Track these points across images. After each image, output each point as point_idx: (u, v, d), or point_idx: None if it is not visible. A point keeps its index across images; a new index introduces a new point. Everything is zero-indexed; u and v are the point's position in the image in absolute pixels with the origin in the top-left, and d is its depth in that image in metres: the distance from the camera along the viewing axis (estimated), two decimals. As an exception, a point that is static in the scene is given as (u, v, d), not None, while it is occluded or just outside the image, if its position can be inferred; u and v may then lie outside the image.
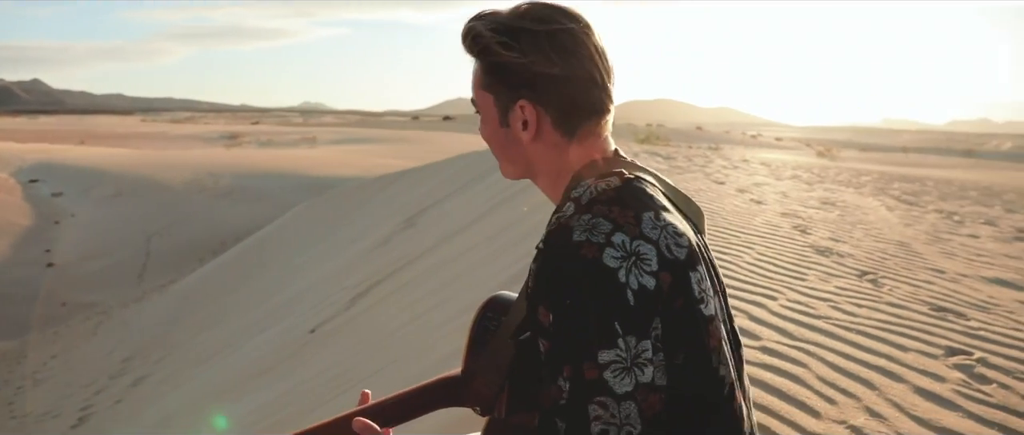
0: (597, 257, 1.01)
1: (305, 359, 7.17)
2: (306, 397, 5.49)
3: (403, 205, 15.85)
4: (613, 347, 1.00)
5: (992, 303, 3.31)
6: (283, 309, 10.97)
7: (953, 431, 1.97)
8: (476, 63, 1.19)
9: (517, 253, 6.24)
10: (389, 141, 49.23)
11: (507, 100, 1.15)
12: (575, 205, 1.08)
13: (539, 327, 1.05)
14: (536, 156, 1.17)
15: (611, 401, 1.00)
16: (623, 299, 1.01)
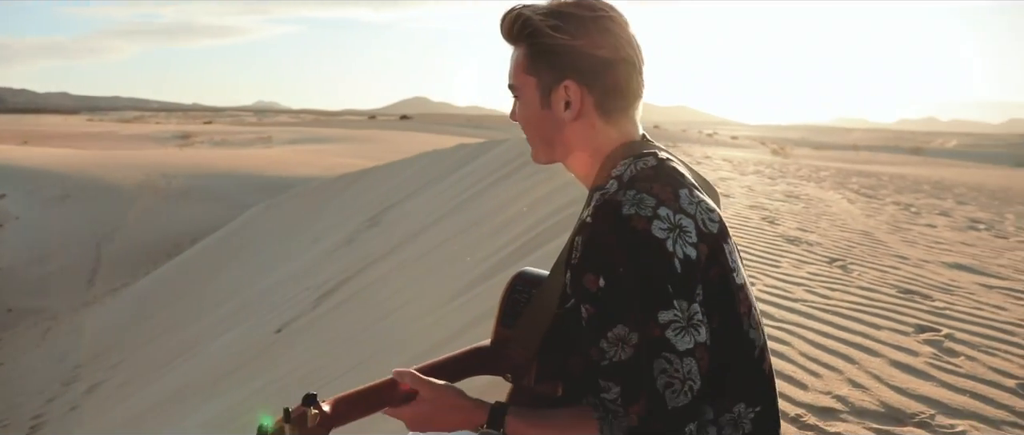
0: (647, 228, 1.09)
1: (273, 359, 7.13)
2: (279, 395, 5.48)
3: (366, 204, 15.77)
4: (670, 308, 1.07)
5: (954, 285, 3.50)
6: (246, 310, 10.86)
7: (929, 398, 2.12)
8: (519, 49, 1.24)
9: (491, 247, 6.30)
10: (347, 140, 48.73)
11: (552, 81, 1.21)
12: (618, 182, 1.16)
13: (584, 293, 1.12)
14: (574, 137, 1.23)
15: (675, 357, 1.08)
16: (673, 266, 1.08)
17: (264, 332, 8.55)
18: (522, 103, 1.26)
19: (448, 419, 1.22)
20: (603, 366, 1.11)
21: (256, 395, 5.88)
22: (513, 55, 1.26)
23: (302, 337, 7.45)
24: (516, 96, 1.27)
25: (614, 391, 1.11)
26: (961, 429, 1.93)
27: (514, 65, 1.26)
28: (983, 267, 4.06)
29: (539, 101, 1.23)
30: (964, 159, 35.32)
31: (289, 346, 7.35)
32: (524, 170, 10.77)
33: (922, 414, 2.01)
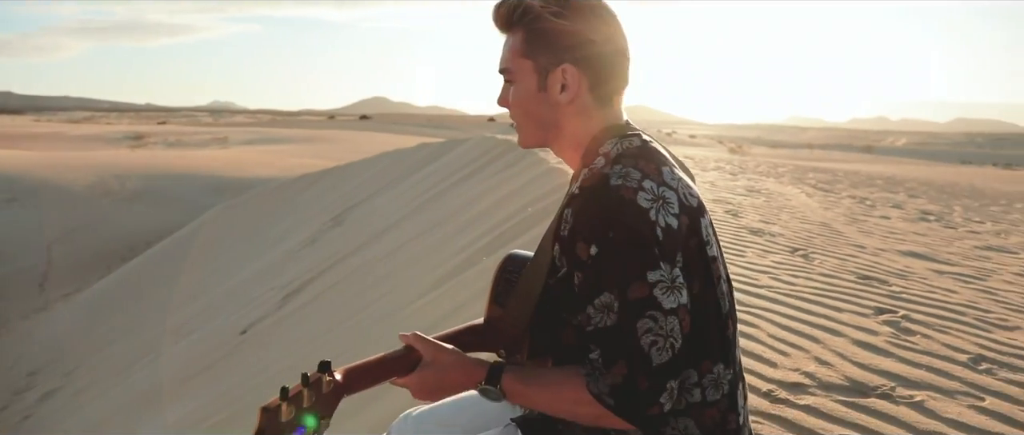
0: (633, 198, 1.16)
1: (240, 359, 7.08)
2: (251, 394, 5.47)
3: (329, 204, 15.68)
4: (657, 269, 1.15)
5: (908, 271, 3.68)
6: (208, 312, 10.74)
7: (889, 372, 2.25)
8: (515, 34, 1.30)
9: (456, 246, 6.35)
10: (306, 141, 48.12)
11: (549, 64, 1.27)
12: (605, 159, 1.24)
13: (576, 261, 1.19)
14: (566, 119, 1.30)
15: (660, 315, 1.15)
16: (656, 233, 1.16)
17: (229, 333, 8.47)
18: (517, 86, 1.31)
19: (450, 378, 1.27)
20: (589, 331, 1.19)
21: (225, 396, 5.85)
22: (507, 41, 1.32)
23: (269, 337, 7.41)
24: (509, 80, 1.33)
25: (597, 352, 1.18)
26: (919, 399, 2.06)
27: (509, 50, 1.31)
28: (934, 254, 4.26)
29: (536, 83, 1.29)
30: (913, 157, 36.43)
31: (257, 346, 7.31)
32: (488, 168, 10.85)
33: (883, 386, 2.14)
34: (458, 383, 1.27)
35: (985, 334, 2.70)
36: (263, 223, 17.62)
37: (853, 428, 1.87)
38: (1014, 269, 4.02)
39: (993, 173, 21.80)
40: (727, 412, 1.26)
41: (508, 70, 1.32)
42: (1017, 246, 4.86)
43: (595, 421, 1.22)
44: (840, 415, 1.94)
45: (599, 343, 1.18)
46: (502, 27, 1.33)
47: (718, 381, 1.25)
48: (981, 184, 12.10)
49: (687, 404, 1.23)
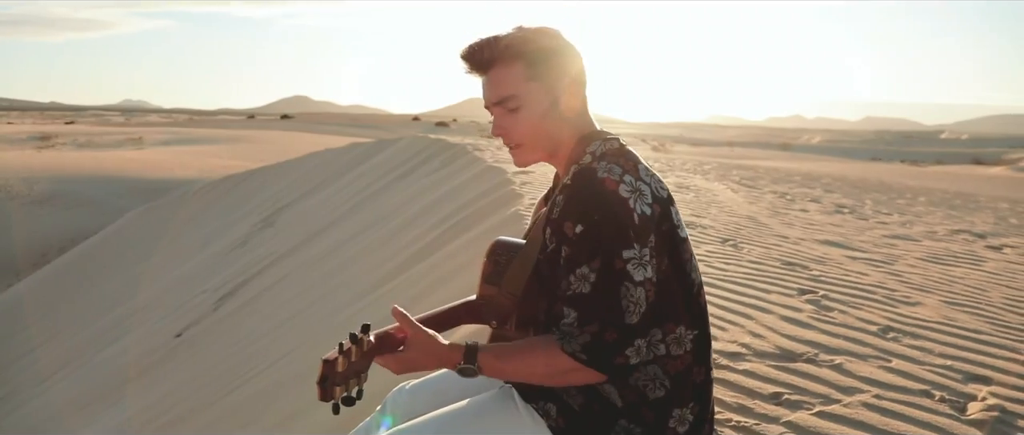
0: (615, 189, 1.40)
1: (179, 362, 7.02)
2: (198, 393, 5.46)
3: (257, 205, 15.46)
4: (631, 248, 1.38)
5: (826, 258, 4.06)
6: (137, 316, 10.51)
7: (813, 342, 2.56)
8: (512, 66, 1.47)
9: (400, 243, 6.47)
10: (225, 141, 46.82)
11: (554, 82, 1.48)
12: (591, 156, 1.47)
13: (563, 237, 1.41)
14: (567, 129, 1.50)
15: (631, 285, 1.38)
16: (633, 218, 1.39)
17: (163, 337, 8.35)
18: (525, 110, 1.47)
19: (427, 360, 1.43)
20: (568, 295, 1.40)
21: (170, 396, 5.82)
22: (498, 75, 1.48)
23: (207, 339, 7.36)
24: (514, 107, 1.48)
25: (572, 316, 1.39)
26: (838, 362, 2.37)
27: (509, 80, 1.47)
28: (849, 243, 4.68)
29: (547, 103, 1.48)
30: (827, 154, 38.24)
31: (195, 348, 7.26)
32: (423, 167, 10.98)
33: (808, 353, 2.45)
34: (435, 365, 1.43)
35: (892, 309, 3.06)
36: (188, 225, 17.23)
37: (784, 387, 2.16)
38: (917, 255, 4.46)
39: (900, 169, 23.17)
40: (693, 365, 1.50)
41: (513, 97, 1.47)
42: (919, 235, 5.35)
43: (566, 377, 1.42)
44: (773, 377, 2.22)
45: (576, 307, 1.39)
46: (491, 65, 1.48)
47: (680, 340, 1.47)
48: (889, 179, 12.95)
49: (655, 356, 1.46)
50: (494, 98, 1.49)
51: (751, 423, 1.91)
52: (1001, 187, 15.86)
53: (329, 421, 3.33)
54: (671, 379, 1.48)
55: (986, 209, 7.98)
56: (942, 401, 2.13)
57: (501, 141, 1.56)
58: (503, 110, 1.49)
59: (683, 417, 1.50)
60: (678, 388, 1.49)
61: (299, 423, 3.60)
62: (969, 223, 6.31)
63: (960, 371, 2.38)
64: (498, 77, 1.48)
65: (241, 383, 5.03)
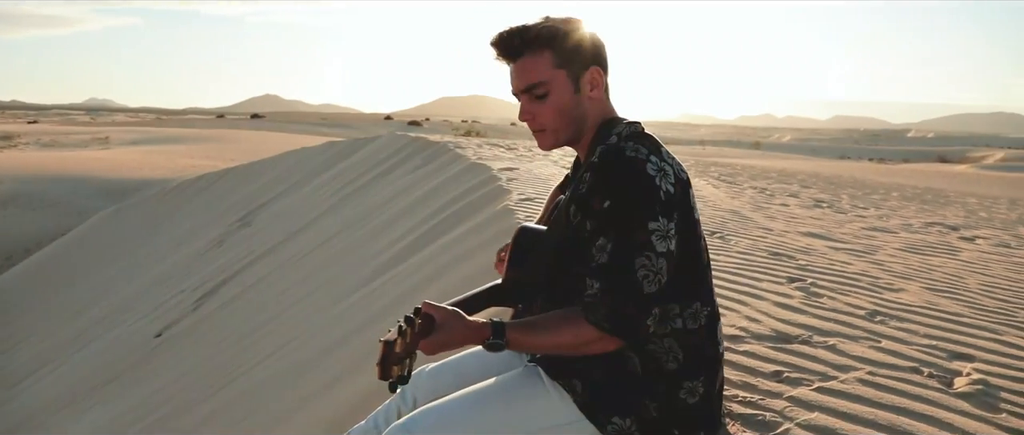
0: (643, 168, 1.48)
1: (161, 363, 6.99)
2: (184, 393, 5.46)
3: (233, 204, 15.35)
4: (657, 220, 1.46)
5: (810, 248, 4.20)
6: (113, 317, 10.41)
7: (806, 325, 2.68)
8: (540, 54, 1.54)
9: (387, 240, 6.50)
10: (194, 140, 46.18)
11: (580, 69, 1.56)
12: (618, 137, 1.55)
13: (590, 211, 1.48)
14: (592, 112, 1.59)
15: (654, 255, 1.46)
16: (659, 194, 1.48)
17: (141, 338, 8.29)
18: (553, 95, 1.56)
19: (460, 340, 1.48)
20: (591, 267, 1.48)
21: (157, 395, 5.80)
22: (526, 62, 1.55)
23: (189, 339, 7.32)
24: (542, 93, 1.56)
25: (595, 287, 1.46)
26: (831, 343, 2.49)
27: (537, 68, 1.55)
28: (830, 234, 4.83)
29: (571, 89, 1.56)
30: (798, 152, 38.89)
31: (177, 348, 7.22)
32: (405, 165, 10.99)
33: (803, 335, 2.56)
34: (465, 342, 1.48)
35: (877, 295, 3.20)
36: (162, 225, 17.06)
37: (783, 366, 2.27)
38: (895, 246, 4.63)
39: (869, 167, 23.66)
40: (705, 340, 1.58)
41: (542, 83, 1.55)
42: (896, 227, 5.53)
43: (590, 347, 1.50)
44: (772, 357, 2.34)
45: (599, 277, 1.46)
46: (520, 53, 1.55)
47: (696, 315, 1.56)
48: (861, 176, 13.25)
49: (671, 329, 1.54)
50: (522, 85, 1.57)
51: (756, 398, 2.02)
52: (967, 183, 16.29)
53: (323, 418, 3.37)
54: (684, 352, 1.56)
55: (956, 203, 8.24)
56: (930, 376, 2.25)
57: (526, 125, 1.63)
58: (531, 96, 1.57)
59: (694, 389, 1.58)
60: (690, 361, 1.57)
61: (294, 419, 3.63)
62: (941, 216, 6.53)
63: (944, 350, 2.51)
64: (527, 65, 1.55)
65: (229, 381, 5.03)
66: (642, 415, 1.55)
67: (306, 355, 4.57)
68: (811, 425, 1.86)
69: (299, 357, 4.65)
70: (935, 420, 1.93)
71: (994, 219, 7.00)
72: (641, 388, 1.56)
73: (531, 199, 5.25)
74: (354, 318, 4.70)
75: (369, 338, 3.99)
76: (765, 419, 1.88)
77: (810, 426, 1.85)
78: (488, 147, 11.22)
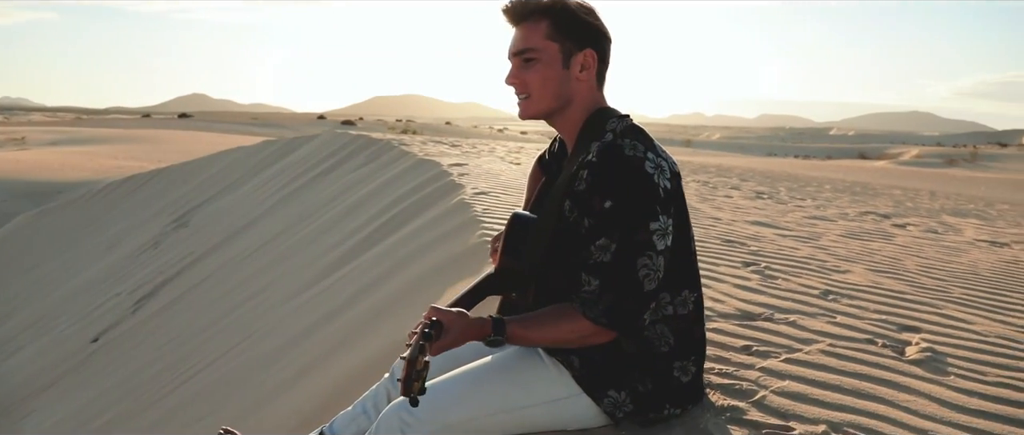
0: (641, 166, 1.53)
1: (101, 367, 6.79)
2: (130, 397, 5.33)
3: (167, 205, 14.94)
4: (657, 220, 1.52)
5: (759, 235, 4.40)
6: (42, 323, 10.03)
7: (766, 303, 2.83)
8: (536, 23, 1.60)
9: (336, 237, 6.47)
10: (119, 141, 44.44)
11: (575, 48, 1.61)
12: (613, 134, 1.59)
13: (591, 211, 1.53)
14: (578, 94, 1.64)
15: (654, 254, 1.52)
16: (658, 192, 1.53)
17: (77, 343, 8.05)
18: (540, 63, 1.61)
19: (464, 339, 1.53)
20: (590, 263, 1.53)
21: (97, 401, 5.66)
22: (526, 29, 1.61)
23: (129, 342, 7.14)
24: (531, 58, 1.61)
25: (594, 284, 1.52)
26: (792, 319, 2.64)
27: (530, 34, 1.61)
28: (775, 223, 5.06)
29: (561, 62, 1.61)
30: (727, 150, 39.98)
31: (117, 352, 7.04)
32: (349, 162, 10.90)
33: (765, 313, 2.71)
34: (468, 339, 1.54)
35: (827, 276, 3.39)
36: (91, 228, 16.49)
37: (751, 341, 2.40)
38: (836, 232, 4.88)
39: (796, 163, 24.53)
40: (693, 323, 1.68)
41: (532, 50, 1.61)
42: (834, 216, 5.82)
43: (587, 340, 1.57)
44: (740, 333, 2.47)
45: (599, 275, 1.52)
46: (523, 19, 1.61)
47: (685, 301, 1.66)
48: (793, 171, 13.77)
49: (663, 316, 1.63)
50: (515, 48, 1.63)
51: (731, 370, 2.14)
52: (888, 177, 17.08)
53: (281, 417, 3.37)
54: (675, 336, 1.65)
55: (883, 195, 8.68)
56: (884, 346, 2.42)
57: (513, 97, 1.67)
58: (520, 61, 1.62)
59: (685, 368, 1.67)
60: (681, 344, 1.66)
61: (250, 420, 3.61)
62: (873, 206, 6.89)
63: (893, 323, 2.70)
64: (525, 30, 1.61)
65: (179, 384, 4.94)
66: (637, 389, 1.64)
67: (263, 352, 4.53)
68: (784, 391, 1.99)
69: (256, 354, 4.61)
70: (893, 383, 2.10)
71: (920, 208, 7.42)
72: (636, 366, 1.64)
73: (485, 192, 5.32)
74: (313, 313, 4.68)
75: (332, 332, 4.00)
76: (742, 388, 2.00)
77: (783, 392, 1.99)
78: (433, 144, 11.23)
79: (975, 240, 5.22)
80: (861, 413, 1.88)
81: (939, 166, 27.24)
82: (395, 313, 3.66)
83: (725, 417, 1.80)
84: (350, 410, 1.86)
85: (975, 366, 2.30)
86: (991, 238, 5.41)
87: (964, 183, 16.28)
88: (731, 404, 1.87)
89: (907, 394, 2.03)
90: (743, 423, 1.79)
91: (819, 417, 1.84)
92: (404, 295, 3.82)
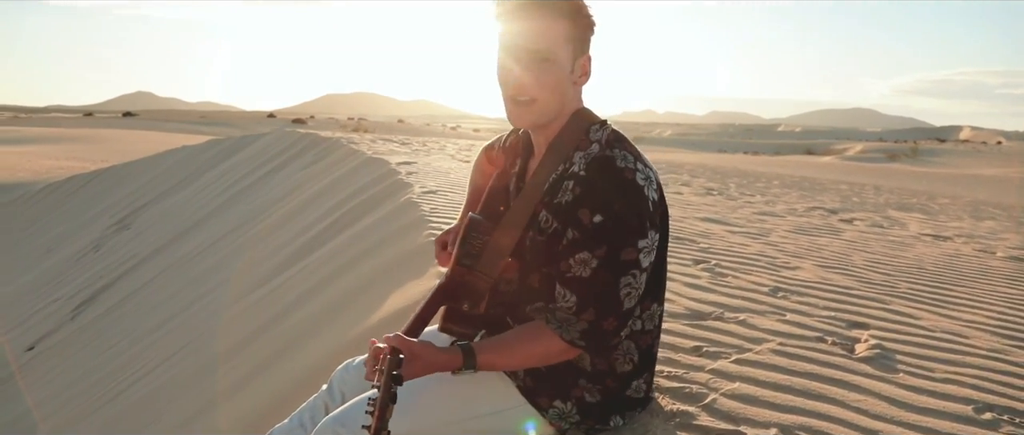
0: (633, 178, 1.44)
1: (37, 376, 6.54)
2: (72, 403, 5.13)
3: (109, 207, 14.50)
4: (646, 236, 1.44)
5: (710, 233, 4.40)
6: (-30, 333, 9.67)
7: (716, 302, 2.81)
8: (559, 22, 1.45)
9: (286, 236, 6.32)
10: (59, 140, 43.01)
11: (579, 53, 1.50)
12: (599, 145, 1.49)
13: (575, 224, 1.43)
14: (573, 99, 1.54)
15: (639, 272, 1.44)
16: (648, 206, 1.45)
17: (10, 352, 7.75)
18: (555, 67, 1.47)
19: (430, 371, 1.45)
20: (567, 276, 1.44)
21: (36, 411, 5.45)
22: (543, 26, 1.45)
23: (68, 349, 6.90)
24: (549, 58, 1.46)
25: (571, 300, 1.43)
26: (742, 318, 2.62)
27: (551, 32, 1.45)
28: (725, 219, 5.07)
29: (569, 67, 1.50)
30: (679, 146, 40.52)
31: (53, 360, 6.79)
32: (297, 161, 10.70)
33: (715, 312, 2.68)
34: (435, 371, 1.46)
35: (776, 273, 3.39)
36: (28, 231, 15.92)
37: (701, 341, 2.37)
38: (785, 228, 4.91)
39: (746, 158, 24.91)
40: (655, 339, 1.62)
41: (550, 50, 1.46)
42: (783, 212, 5.87)
43: (558, 360, 1.50)
44: (690, 333, 2.43)
45: (576, 291, 1.43)
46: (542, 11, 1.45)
47: (652, 315, 1.59)
48: (742, 167, 13.94)
49: (631, 331, 1.56)
50: (532, 46, 1.45)
51: (681, 372, 2.10)
52: (834, 172, 17.45)
53: (228, 422, 3.26)
54: (639, 353, 1.58)
55: (830, 190, 8.82)
56: (834, 344, 2.41)
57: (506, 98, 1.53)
58: (533, 61, 1.46)
59: (639, 387, 1.61)
60: (643, 361, 1.60)
61: (198, 424, 3.50)
62: (820, 201, 6.98)
63: (842, 320, 2.70)
64: (542, 27, 1.46)
65: (123, 389, 4.78)
66: (584, 399, 1.57)
67: (210, 355, 4.41)
68: (734, 394, 1.95)
69: (202, 358, 4.48)
70: (843, 383, 2.08)
71: (866, 203, 7.55)
72: (586, 378, 1.57)
73: (433, 192, 5.24)
74: (261, 315, 4.57)
75: (280, 334, 3.90)
76: (692, 391, 1.96)
77: (733, 395, 1.95)
78: (382, 142, 11.09)
79: (919, 234, 5.32)
80: (812, 414, 1.86)
81: (882, 161, 27.97)
82: (341, 316, 3.56)
83: (674, 422, 1.76)
84: (286, 423, 1.77)
85: (923, 362, 2.30)
86: (934, 232, 5.51)
87: (906, 178, 16.71)
88: (681, 409, 1.82)
89: (857, 393, 2.01)
90: (693, 429, 1.74)
91: (770, 420, 1.81)
92: (351, 297, 3.73)
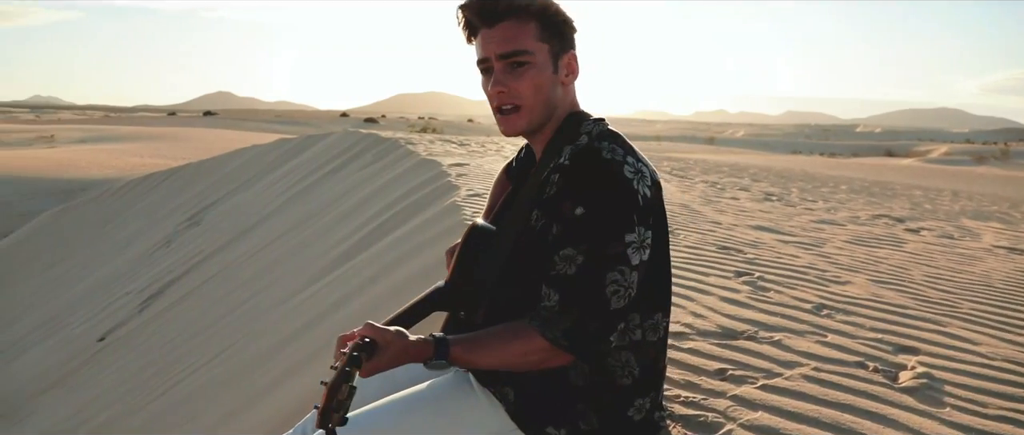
0: (620, 171, 1.35)
1: (104, 366, 6.78)
2: (128, 397, 5.29)
3: (182, 204, 15.01)
4: (633, 232, 1.34)
5: (759, 242, 4.19)
6: (54, 322, 10.08)
7: (752, 320, 2.65)
8: (523, 23, 1.40)
9: (337, 237, 6.39)
10: (145, 138, 45.02)
11: (560, 50, 1.44)
12: (589, 137, 1.43)
13: (560, 216, 1.36)
14: (560, 98, 1.47)
15: (627, 270, 1.34)
16: (637, 200, 1.35)
17: (84, 342, 8.04)
18: (533, 68, 1.42)
19: (399, 363, 1.36)
20: (551, 275, 1.36)
21: (99, 400, 5.62)
22: (512, 29, 1.40)
23: (134, 341, 7.12)
24: (524, 62, 1.41)
25: (554, 298, 1.35)
26: (777, 338, 2.46)
27: (520, 34, 1.40)
28: (779, 227, 4.84)
29: (552, 67, 1.44)
30: (751, 147, 39.59)
31: (120, 352, 7.02)
32: (356, 161, 10.83)
33: (748, 330, 2.52)
34: (405, 361, 1.36)
35: (824, 288, 3.19)
36: (108, 226, 16.61)
37: (728, 363, 2.22)
38: (843, 238, 4.65)
39: (820, 161, 24.12)
40: (660, 354, 1.50)
41: (525, 53, 1.41)
42: (844, 220, 5.57)
43: (541, 364, 1.38)
44: (717, 354, 2.29)
45: (560, 288, 1.35)
46: (502, 17, 1.41)
47: (656, 326, 1.47)
48: (811, 170, 13.45)
49: (630, 341, 1.44)
50: (503, 50, 1.41)
51: (699, 398, 1.96)
52: (912, 176, 16.67)
53: (266, 420, 3.27)
54: (641, 368, 1.47)
55: (902, 196, 8.38)
56: (875, 371, 2.22)
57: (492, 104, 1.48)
58: (509, 65, 1.42)
59: (642, 406, 1.50)
60: (645, 377, 1.48)
61: (236, 422, 3.52)
62: (888, 208, 6.62)
63: (890, 343, 2.50)
64: (510, 31, 1.41)
65: (173, 384, 4.90)
66: (578, 426, 1.47)
67: (252, 355, 4.48)
68: (753, 425, 1.81)
69: (245, 357, 4.55)
70: (879, 416, 1.90)
71: (938, 211, 7.13)
72: (582, 399, 1.47)
73: (479, 194, 5.19)
74: (300, 317, 4.61)
75: (315, 337, 3.91)
76: (707, 420, 1.82)
77: (752, 426, 1.80)
78: (440, 143, 11.12)
79: (992, 246, 4.97)
80: (836, 451, 1.69)
81: (968, 164, 26.63)
82: (376, 319, 3.53)
83: (682, 456, 1.62)
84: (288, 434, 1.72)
85: (975, 395, 2.10)
86: (1011, 244, 5.14)
87: (992, 182, 15.84)
88: (691, 440, 1.68)
89: (893, 430, 1.84)
90: (700, 464, 1.60)
91: (788, 456, 1.65)
92: (384, 301, 3.70)
